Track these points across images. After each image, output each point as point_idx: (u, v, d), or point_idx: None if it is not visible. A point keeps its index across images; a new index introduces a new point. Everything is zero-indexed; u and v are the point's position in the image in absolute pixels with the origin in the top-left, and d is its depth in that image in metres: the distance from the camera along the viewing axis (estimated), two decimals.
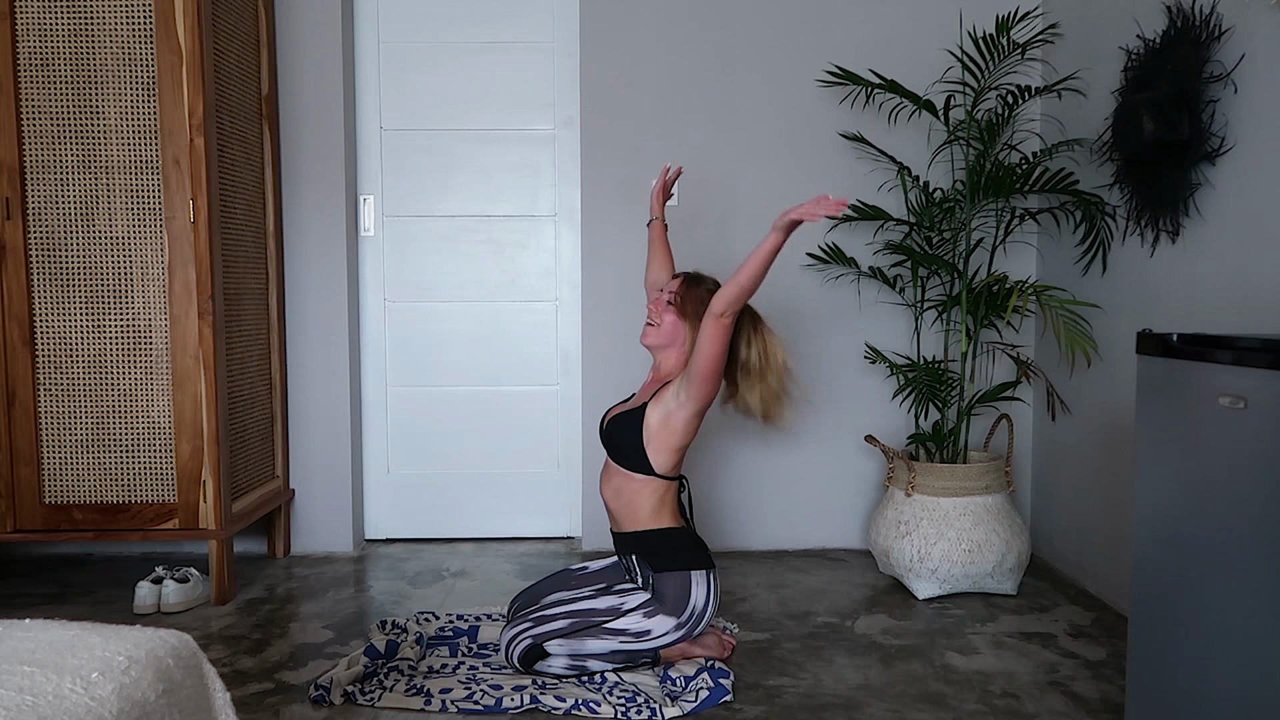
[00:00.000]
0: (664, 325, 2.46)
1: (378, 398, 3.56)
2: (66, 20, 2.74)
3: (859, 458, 3.46)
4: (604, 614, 2.33)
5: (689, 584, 2.34)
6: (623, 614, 2.33)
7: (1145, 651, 1.79)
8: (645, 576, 2.38)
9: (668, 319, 2.45)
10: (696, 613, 2.34)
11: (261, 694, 2.27)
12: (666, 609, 2.33)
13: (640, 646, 2.34)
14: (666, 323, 2.45)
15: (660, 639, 2.33)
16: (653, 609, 2.33)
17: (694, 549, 2.39)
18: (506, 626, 2.37)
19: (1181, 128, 2.46)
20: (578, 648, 2.32)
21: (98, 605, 2.88)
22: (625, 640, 2.32)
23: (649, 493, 2.40)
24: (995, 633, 2.68)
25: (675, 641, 2.35)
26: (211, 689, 1.44)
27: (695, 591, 2.34)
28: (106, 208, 2.79)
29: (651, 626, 2.33)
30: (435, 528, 3.58)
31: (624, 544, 2.45)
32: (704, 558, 2.39)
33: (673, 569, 2.34)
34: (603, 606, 2.34)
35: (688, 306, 2.44)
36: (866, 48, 3.33)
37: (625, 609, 2.33)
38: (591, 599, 2.36)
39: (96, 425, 2.83)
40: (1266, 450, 1.49)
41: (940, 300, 3.23)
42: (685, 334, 2.46)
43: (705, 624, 2.38)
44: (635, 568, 2.42)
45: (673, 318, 2.45)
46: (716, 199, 3.41)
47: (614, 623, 2.32)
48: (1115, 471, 2.86)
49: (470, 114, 3.49)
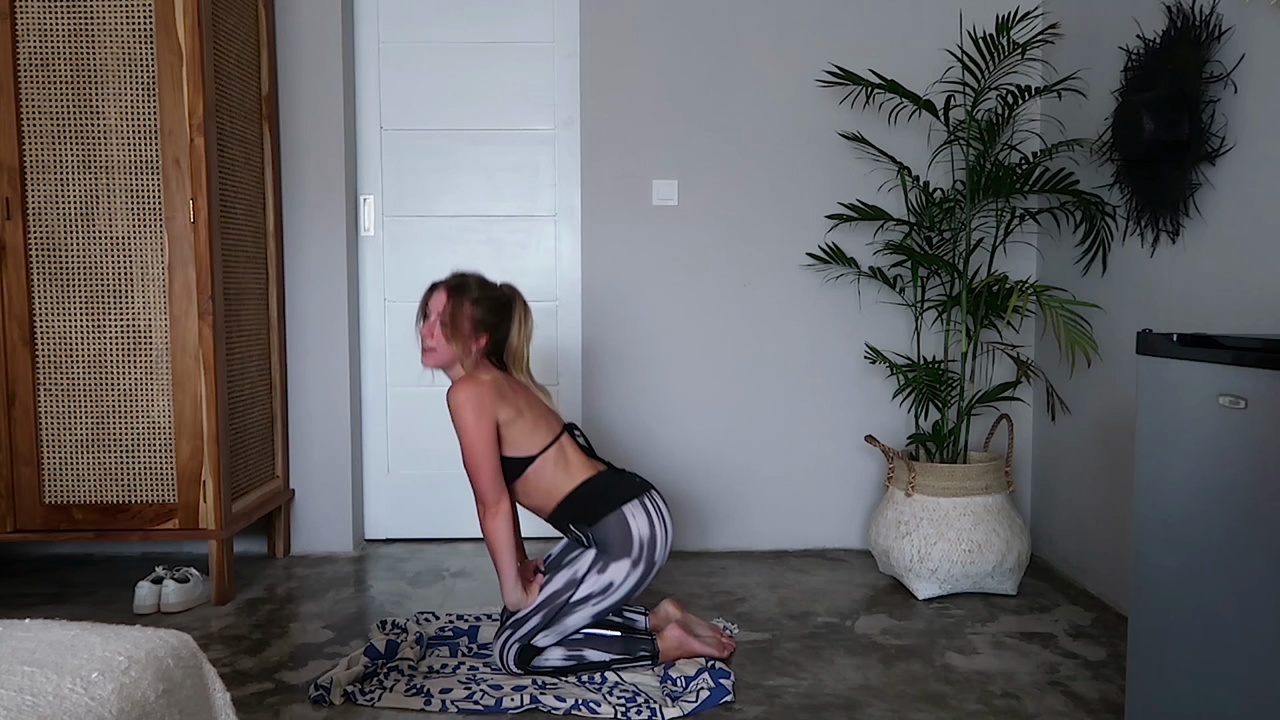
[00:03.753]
0: (439, 346, 2.41)
1: (378, 398, 3.56)
2: (66, 20, 2.74)
3: (859, 458, 3.46)
4: (565, 589, 2.36)
5: (625, 521, 2.36)
6: (580, 580, 2.35)
7: (1145, 651, 1.79)
8: (588, 535, 2.41)
9: (440, 339, 2.41)
10: (645, 542, 2.36)
11: (261, 694, 2.27)
12: (615, 554, 2.35)
13: (613, 600, 2.36)
14: (441, 344, 2.41)
15: (626, 583, 2.36)
16: (603, 561, 2.36)
17: (615, 488, 2.41)
18: (495, 638, 2.40)
19: (1181, 128, 2.46)
20: (562, 630, 2.35)
21: (98, 605, 2.88)
22: (597, 600, 2.35)
23: (541, 475, 2.41)
24: (995, 633, 2.68)
25: (641, 580, 2.37)
26: (211, 689, 1.44)
27: (635, 525, 2.36)
28: (106, 208, 2.79)
29: (611, 577, 2.35)
30: (435, 528, 3.58)
31: (557, 522, 2.47)
32: (627, 491, 2.40)
33: (605, 515, 2.37)
34: (561, 584, 2.36)
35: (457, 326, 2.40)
36: (866, 48, 3.33)
37: (581, 575, 2.36)
38: (550, 583, 2.38)
39: (96, 425, 2.83)
40: (1266, 450, 1.49)
41: (940, 300, 3.23)
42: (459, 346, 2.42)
43: (662, 549, 2.39)
44: (578, 534, 2.44)
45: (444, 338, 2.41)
46: (716, 199, 3.41)
47: (578, 592, 2.35)
48: (1115, 471, 2.86)
49: (470, 114, 3.49)
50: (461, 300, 2.41)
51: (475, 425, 2.33)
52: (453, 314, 2.40)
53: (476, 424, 2.33)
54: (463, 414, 2.33)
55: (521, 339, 2.47)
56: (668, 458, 3.46)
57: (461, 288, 2.44)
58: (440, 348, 2.40)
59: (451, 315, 2.40)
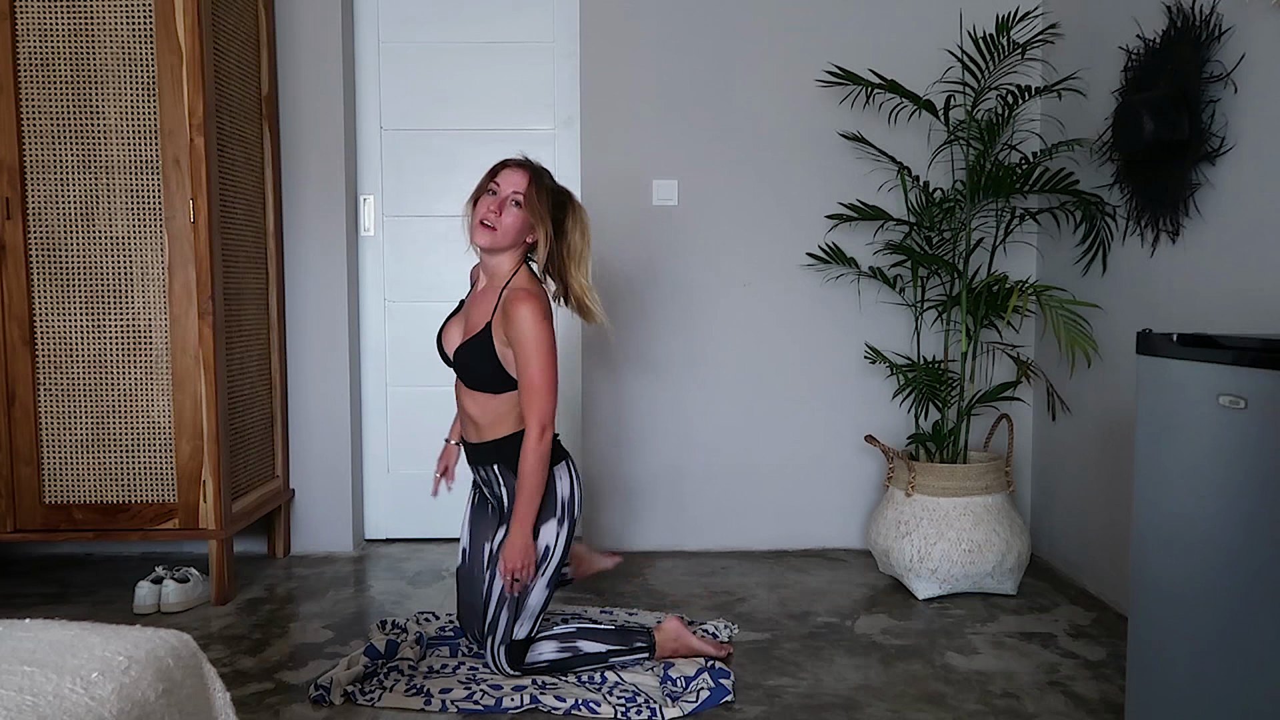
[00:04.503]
0: (505, 226, 2.28)
1: (378, 398, 3.56)
2: (66, 20, 2.74)
3: (859, 458, 3.46)
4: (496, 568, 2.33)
5: (553, 482, 2.33)
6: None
7: (1145, 651, 1.79)
8: (508, 486, 2.35)
9: (509, 220, 2.28)
10: (567, 503, 2.35)
11: (261, 694, 2.27)
12: (542, 516, 2.31)
13: (555, 562, 2.33)
14: (507, 224, 2.28)
15: (558, 544, 2.33)
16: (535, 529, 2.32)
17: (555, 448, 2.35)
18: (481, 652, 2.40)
19: (1181, 128, 2.46)
20: (531, 613, 2.32)
21: (98, 605, 2.88)
22: (542, 569, 2.31)
23: (514, 403, 2.33)
24: (995, 633, 2.68)
25: (568, 540, 2.35)
26: (211, 689, 1.44)
27: (559, 486, 2.34)
28: (106, 208, 2.79)
29: (545, 542, 2.31)
30: (435, 528, 3.58)
31: (483, 454, 2.38)
32: (559, 453, 2.37)
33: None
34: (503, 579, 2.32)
35: (535, 208, 2.28)
36: (866, 48, 3.33)
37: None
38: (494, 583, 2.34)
39: (96, 425, 2.83)
40: (1266, 450, 1.49)
41: (940, 300, 3.23)
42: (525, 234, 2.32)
43: (579, 508, 2.38)
44: (496, 477, 2.38)
45: (516, 218, 2.29)
46: (716, 199, 3.41)
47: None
48: (1115, 471, 2.86)
49: (470, 114, 3.49)
50: (541, 184, 2.30)
51: (550, 338, 2.23)
52: (536, 195, 2.28)
53: (550, 337, 2.23)
54: (540, 327, 2.21)
55: (585, 240, 2.34)
56: (668, 457, 3.46)
57: (540, 172, 2.33)
58: (506, 228, 2.27)
59: (532, 196, 2.27)
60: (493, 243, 2.29)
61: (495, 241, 2.29)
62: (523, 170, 2.32)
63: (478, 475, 2.46)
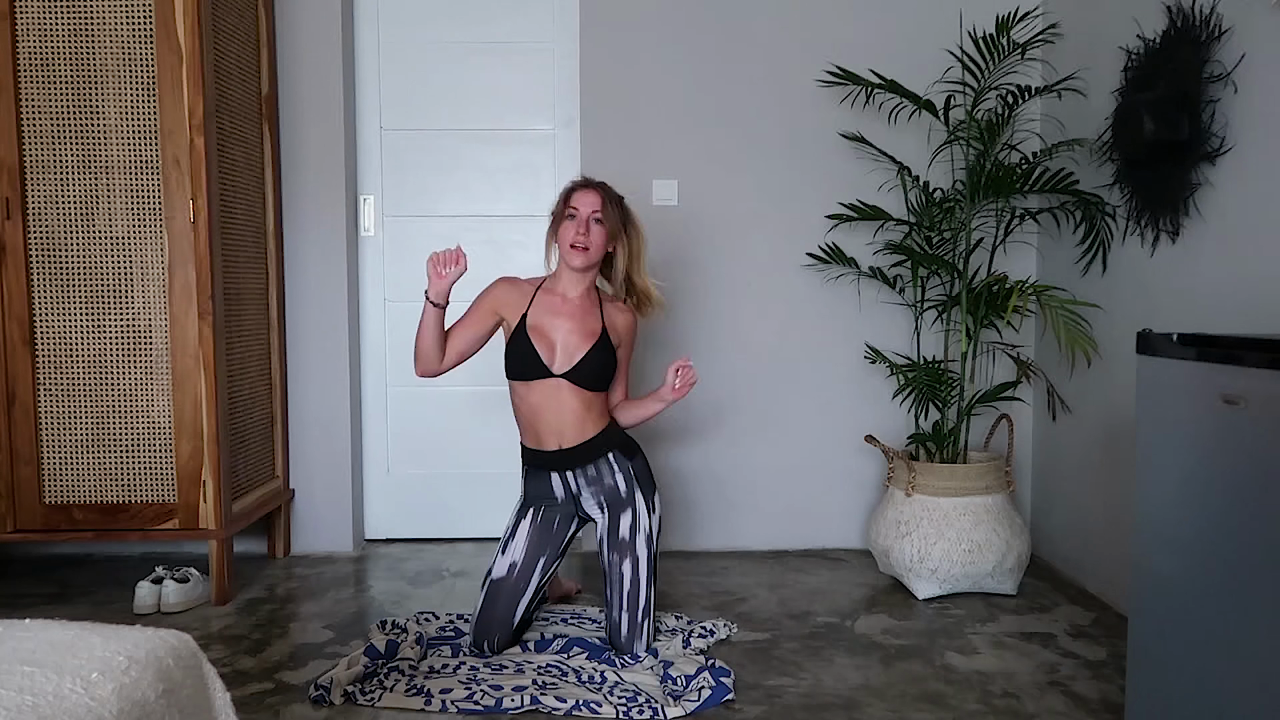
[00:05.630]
0: (595, 244, 2.52)
1: (378, 398, 3.56)
2: (66, 20, 2.74)
3: (859, 458, 3.46)
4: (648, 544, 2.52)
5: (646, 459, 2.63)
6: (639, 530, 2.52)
7: (1145, 651, 1.79)
8: (623, 469, 2.55)
9: (596, 237, 2.52)
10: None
11: (261, 694, 2.27)
12: (647, 488, 2.57)
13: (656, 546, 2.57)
14: (596, 241, 2.52)
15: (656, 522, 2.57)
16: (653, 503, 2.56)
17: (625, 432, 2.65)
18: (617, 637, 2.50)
19: (1181, 128, 2.46)
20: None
21: (98, 605, 2.88)
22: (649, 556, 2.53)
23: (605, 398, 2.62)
24: (995, 633, 2.68)
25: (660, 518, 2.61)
26: (211, 689, 1.44)
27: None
28: (106, 208, 2.79)
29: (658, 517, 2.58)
30: (435, 528, 3.58)
31: (593, 450, 2.55)
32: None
33: (639, 450, 2.61)
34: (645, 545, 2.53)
35: (614, 221, 2.54)
36: (866, 48, 3.33)
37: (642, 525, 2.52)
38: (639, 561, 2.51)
39: (96, 425, 2.83)
40: (1266, 450, 1.49)
41: (940, 300, 3.23)
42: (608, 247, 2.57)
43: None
44: (611, 465, 2.55)
45: (601, 234, 2.53)
46: (716, 199, 3.41)
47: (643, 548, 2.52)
48: (1115, 471, 2.86)
49: (470, 114, 3.49)
50: (610, 199, 2.55)
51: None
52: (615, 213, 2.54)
53: None
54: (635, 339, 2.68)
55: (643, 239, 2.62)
56: (668, 457, 3.46)
57: (606, 187, 2.58)
58: (596, 245, 2.52)
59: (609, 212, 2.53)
60: (587, 261, 2.53)
61: (590, 259, 2.54)
62: (593, 190, 2.56)
63: (579, 480, 2.57)
